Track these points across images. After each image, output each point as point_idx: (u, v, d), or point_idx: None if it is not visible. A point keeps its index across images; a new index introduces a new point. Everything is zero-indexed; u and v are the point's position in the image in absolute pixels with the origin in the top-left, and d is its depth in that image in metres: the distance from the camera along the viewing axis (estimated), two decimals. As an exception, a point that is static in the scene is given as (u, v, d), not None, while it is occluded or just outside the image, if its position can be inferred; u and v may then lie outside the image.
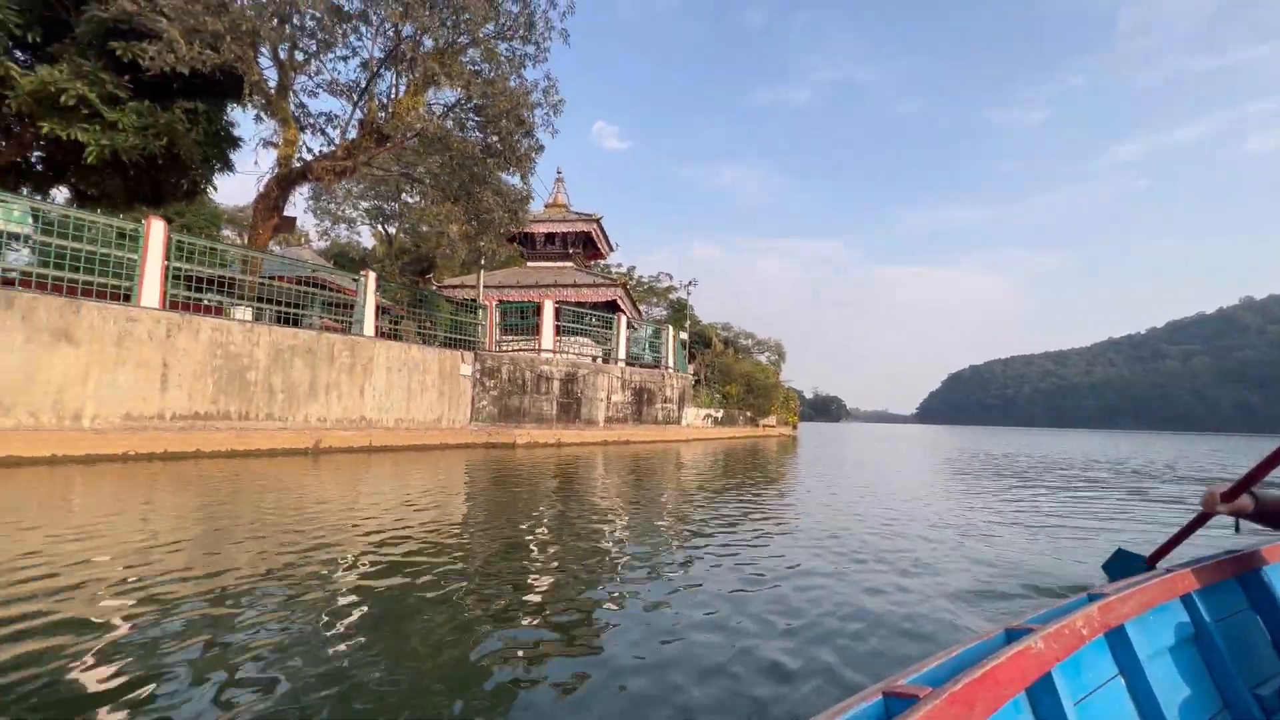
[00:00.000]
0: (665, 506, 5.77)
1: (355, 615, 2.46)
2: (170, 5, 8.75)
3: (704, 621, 2.49)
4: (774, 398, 24.20)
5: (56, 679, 1.81)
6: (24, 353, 7.14)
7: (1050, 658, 1.10)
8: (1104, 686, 1.32)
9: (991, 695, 0.93)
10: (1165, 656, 1.52)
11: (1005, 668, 0.98)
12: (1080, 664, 1.26)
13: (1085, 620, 1.25)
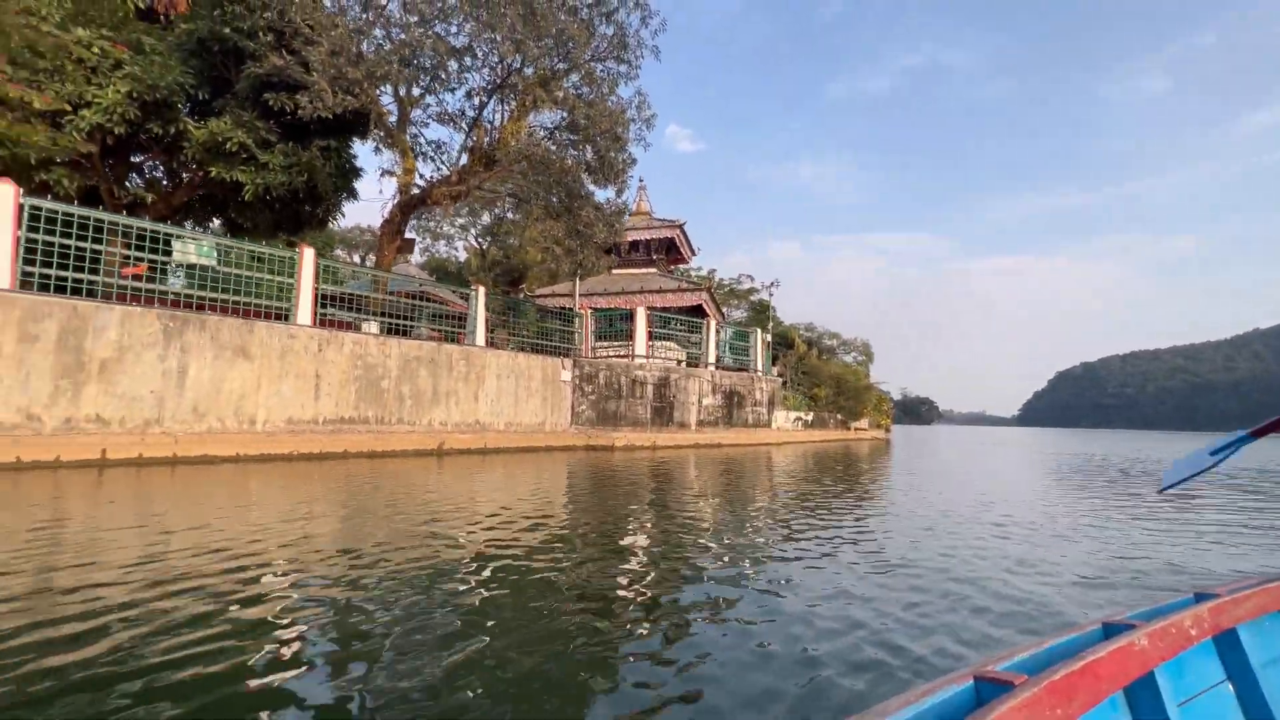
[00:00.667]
0: (772, 505, 5.94)
1: (473, 598, 2.85)
2: (318, 60, 9.90)
3: (833, 615, 2.69)
4: (866, 400, 23.46)
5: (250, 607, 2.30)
6: (213, 367, 8.38)
7: (1154, 656, 1.06)
8: (1210, 691, 1.25)
9: (1090, 689, 0.90)
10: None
11: (1105, 663, 0.95)
12: (1185, 666, 1.21)
13: (1194, 620, 1.19)
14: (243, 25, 11.56)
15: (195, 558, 3.29)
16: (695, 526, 4.81)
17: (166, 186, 14.41)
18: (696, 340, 17.60)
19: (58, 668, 1.91)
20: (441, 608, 2.60)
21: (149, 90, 10.83)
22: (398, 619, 2.44)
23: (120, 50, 9.85)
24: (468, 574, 3.15)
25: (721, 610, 2.74)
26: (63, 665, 1.93)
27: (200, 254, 8.79)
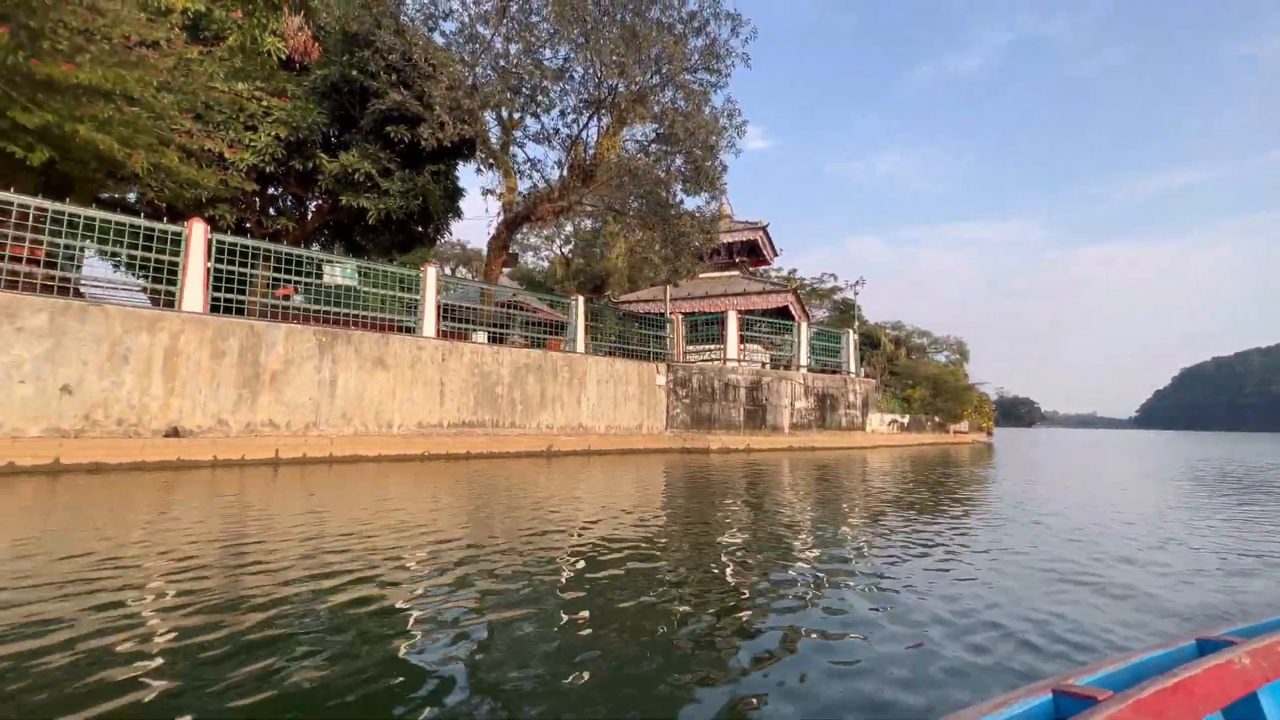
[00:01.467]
0: (874, 507, 5.93)
1: (578, 589, 3.11)
2: (438, 95, 10.83)
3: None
4: (965, 401, 22.28)
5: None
6: (357, 377, 9.37)
7: (1257, 677, 0.99)
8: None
9: (1183, 708, 0.85)
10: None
11: (1201, 681, 0.90)
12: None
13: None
14: (368, 68, 12.79)
15: (360, 539, 3.83)
16: (803, 526, 4.94)
17: (297, 215, 16.12)
18: (781, 342, 17.48)
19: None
20: (552, 597, 2.79)
21: (293, 132, 12.24)
22: (512, 603, 2.67)
23: (282, 101, 11.16)
24: (580, 569, 3.45)
25: (834, 609, 2.75)
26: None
27: (344, 275, 9.86)
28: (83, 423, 7.07)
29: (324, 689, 1.84)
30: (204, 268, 8.32)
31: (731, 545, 4.13)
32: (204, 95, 9.03)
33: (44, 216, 7.26)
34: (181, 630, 2.25)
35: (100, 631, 2.21)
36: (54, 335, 6.94)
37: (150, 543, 3.67)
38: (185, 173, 8.65)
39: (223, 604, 2.56)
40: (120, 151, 7.36)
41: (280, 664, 1.99)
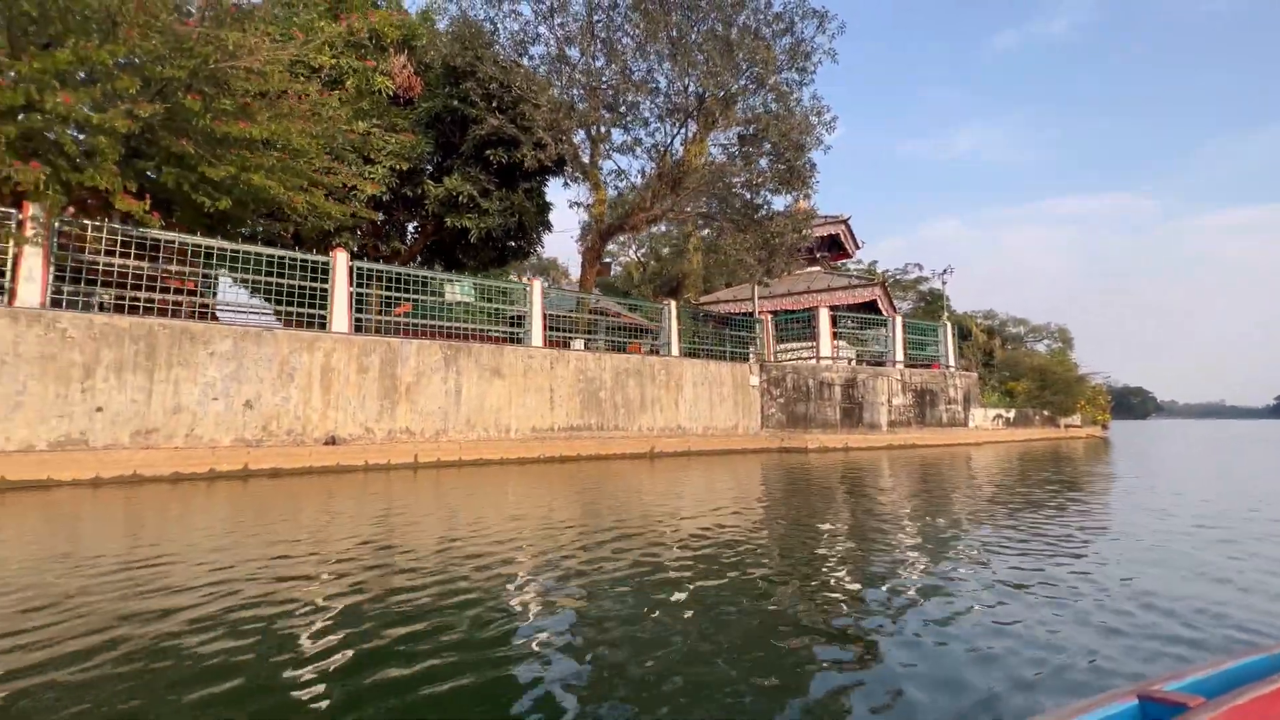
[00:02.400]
0: (988, 508, 5.76)
1: (687, 588, 3.24)
2: (540, 118, 11.47)
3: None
4: (1078, 393, 20.75)
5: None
6: (478, 386, 10.09)
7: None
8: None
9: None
10: None
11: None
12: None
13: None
14: (468, 97, 13.69)
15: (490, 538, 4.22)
16: (916, 527, 4.92)
17: (404, 238, 17.41)
18: (867, 338, 17.05)
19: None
20: (659, 593, 2.89)
21: (405, 162, 13.31)
22: (618, 599, 2.77)
23: (403, 137, 12.19)
24: (692, 566, 3.64)
25: (953, 613, 2.63)
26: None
27: (462, 292, 10.65)
28: (261, 433, 8.08)
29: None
30: (347, 292, 9.27)
31: (873, 543, 4.24)
32: (340, 137, 10.03)
33: (199, 251, 8.34)
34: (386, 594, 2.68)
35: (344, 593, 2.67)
36: (237, 358, 7.98)
37: (379, 531, 4.25)
38: (327, 208, 9.65)
39: (433, 573, 2.99)
40: (284, 194, 8.35)
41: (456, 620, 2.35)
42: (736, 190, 12.21)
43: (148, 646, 2.18)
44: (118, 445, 7.11)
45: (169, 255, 8.24)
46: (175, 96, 6.85)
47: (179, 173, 7.62)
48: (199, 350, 7.73)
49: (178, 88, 6.94)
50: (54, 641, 2.20)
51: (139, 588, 2.89)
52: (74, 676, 1.93)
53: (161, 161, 7.61)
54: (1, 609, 2.59)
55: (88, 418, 6.98)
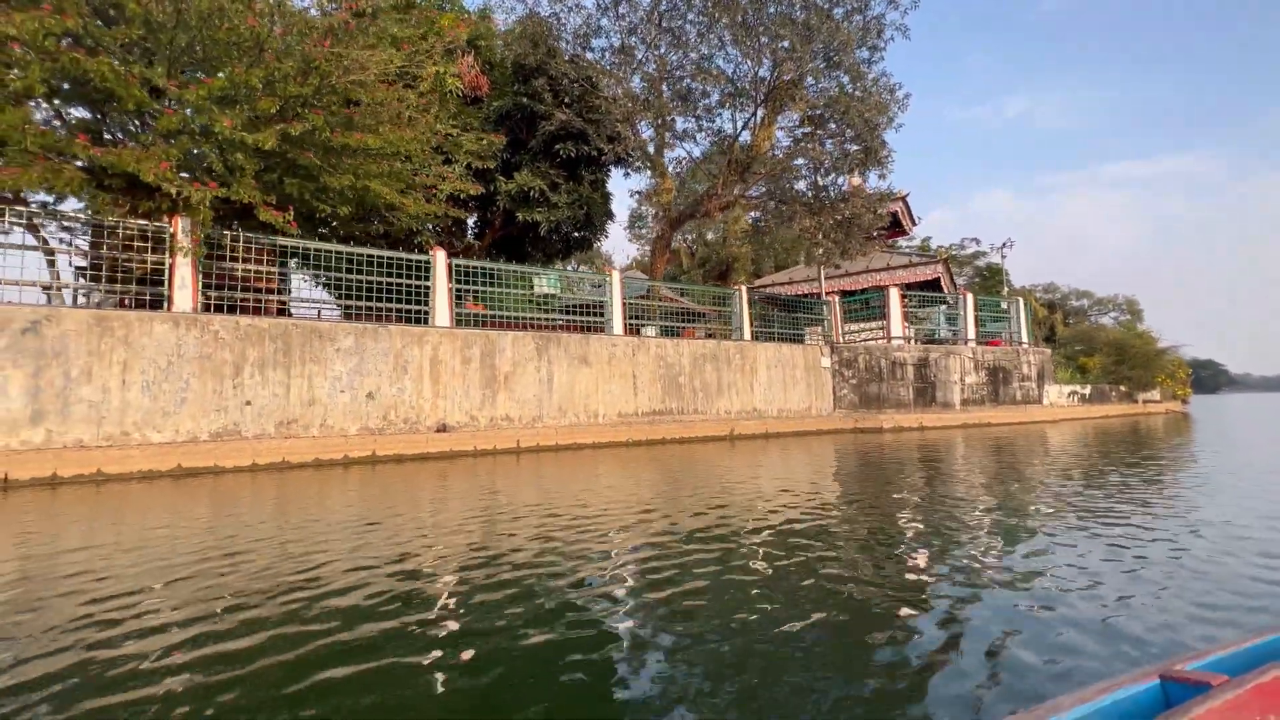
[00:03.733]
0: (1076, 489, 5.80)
1: (769, 565, 3.09)
2: (619, 110, 11.75)
3: None
4: (1157, 367, 19.95)
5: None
6: (567, 374, 10.54)
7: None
8: None
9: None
10: None
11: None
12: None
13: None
14: (537, 94, 14.05)
15: (579, 518, 4.55)
16: (1002, 504, 5.04)
17: (478, 233, 18.03)
18: (925, 316, 16.83)
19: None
20: (736, 573, 2.91)
21: (482, 160, 13.81)
22: (702, 576, 2.85)
23: (491, 137, 12.66)
24: (772, 545, 3.88)
25: None
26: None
27: (549, 285, 11.09)
28: (382, 422, 8.72)
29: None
30: (447, 288, 9.81)
31: (956, 516, 4.43)
32: (432, 140, 10.54)
33: (277, 250, 8.94)
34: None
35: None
36: (359, 353, 8.62)
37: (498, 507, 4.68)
38: (428, 209, 10.19)
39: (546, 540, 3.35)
40: (398, 199, 8.91)
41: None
42: (804, 174, 12.23)
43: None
44: (265, 435, 7.82)
45: (284, 259, 8.92)
46: (303, 113, 7.40)
47: (299, 183, 8.22)
48: (327, 347, 8.38)
49: (303, 104, 7.50)
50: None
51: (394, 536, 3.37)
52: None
53: (284, 173, 8.22)
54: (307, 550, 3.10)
55: (239, 411, 7.71)
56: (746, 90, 12.45)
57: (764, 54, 10.83)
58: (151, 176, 6.14)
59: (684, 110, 12.42)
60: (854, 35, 10.59)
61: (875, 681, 1.82)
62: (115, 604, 2.54)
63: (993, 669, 1.86)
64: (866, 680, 1.84)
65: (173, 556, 3.34)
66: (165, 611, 2.46)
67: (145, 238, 7.38)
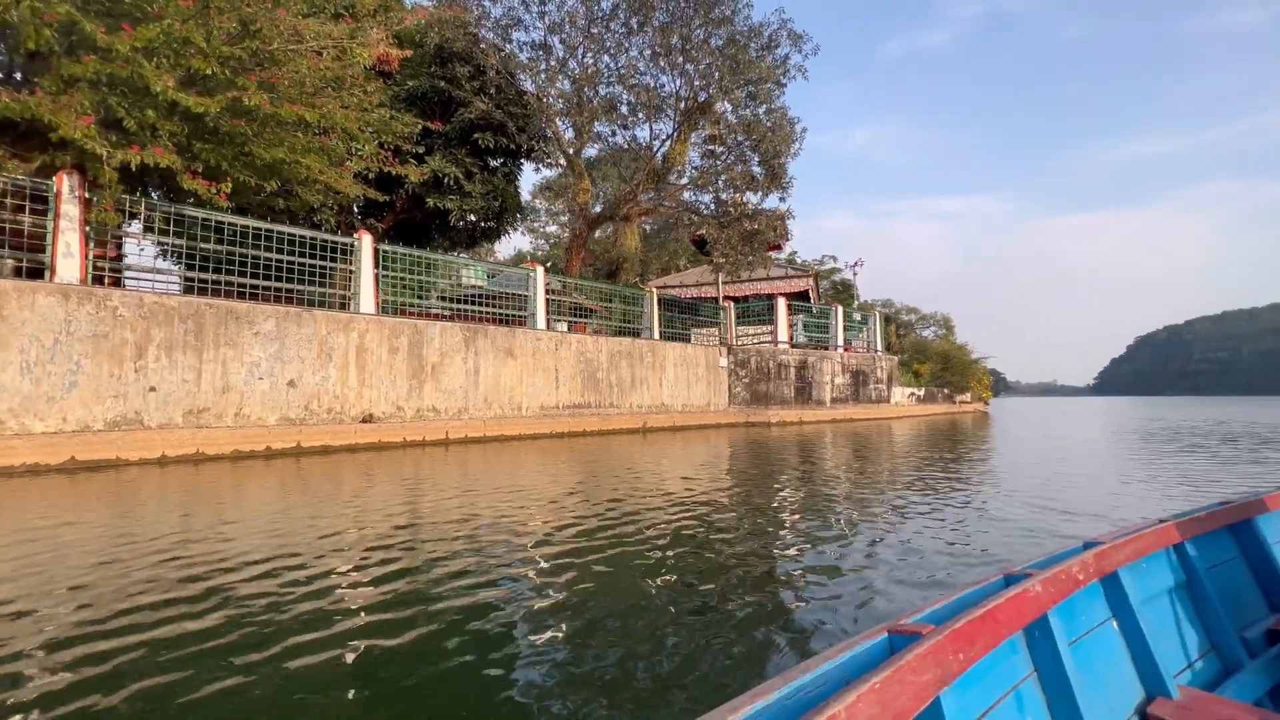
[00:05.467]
0: (910, 465, 7.59)
1: (675, 542, 4.18)
2: (538, 107, 11.94)
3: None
4: (971, 374, 24.45)
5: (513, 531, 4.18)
6: (493, 366, 10.64)
7: (1047, 601, 1.15)
8: (1097, 629, 1.36)
9: (990, 633, 0.98)
10: (1157, 602, 1.58)
11: (1004, 609, 1.04)
12: (1075, 607, 1.31)
13: (1081, 566, 1.30)
14: (457, 79, 13.72)
15: (507, 503, 5.30)
16: (862, 482, 6.56)
17: (377, 214, 16.98)
18: (793, 322, 19.14)
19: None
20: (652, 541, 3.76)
21: (393, 139, 13.18)
22: (615, 544, 3.39)
23: (414, 118, 12.12)
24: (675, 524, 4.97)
25: None
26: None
27: (476, 276, 11.05)
28: (304, 412, 8.27)
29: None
30: (372, 274, 9.46)
31: (822, 491, 5.71)
32: (368, 120, 10.03)
33: (236, 230, 8.31)
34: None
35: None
36: (280, 338, 8.09)
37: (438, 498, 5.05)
38: (354, 188, 9.73)
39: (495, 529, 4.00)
40: (334, 177, 8.44)
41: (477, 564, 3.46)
42: (715, 189, 13.41)
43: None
44: (171, 425, 7.12)
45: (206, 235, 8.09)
46: (236, 78, 6.86)
47: (214, 150, 7.55)
48: (245, 330, 7.78)
49: (236, 68, 6.94)
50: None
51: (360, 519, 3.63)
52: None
53: (200, 139, 7.50)
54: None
55: (141, 398, 6.94)
56: (666, 104, 13.31)
57: (684, 73, 11.75)
58: (77, 133, 5.39)
59: (607, 118, 12.97)
60: (770, 71, 11.91)
61: (739, 616, 2.43)
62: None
63: (856, 595, 2.67)
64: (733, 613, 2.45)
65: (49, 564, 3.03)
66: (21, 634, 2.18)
67: (21, 195, 6.39)
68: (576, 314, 15.03)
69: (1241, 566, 1.97)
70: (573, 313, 14.69)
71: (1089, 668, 1.28)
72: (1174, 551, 1.71)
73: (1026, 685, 1.12)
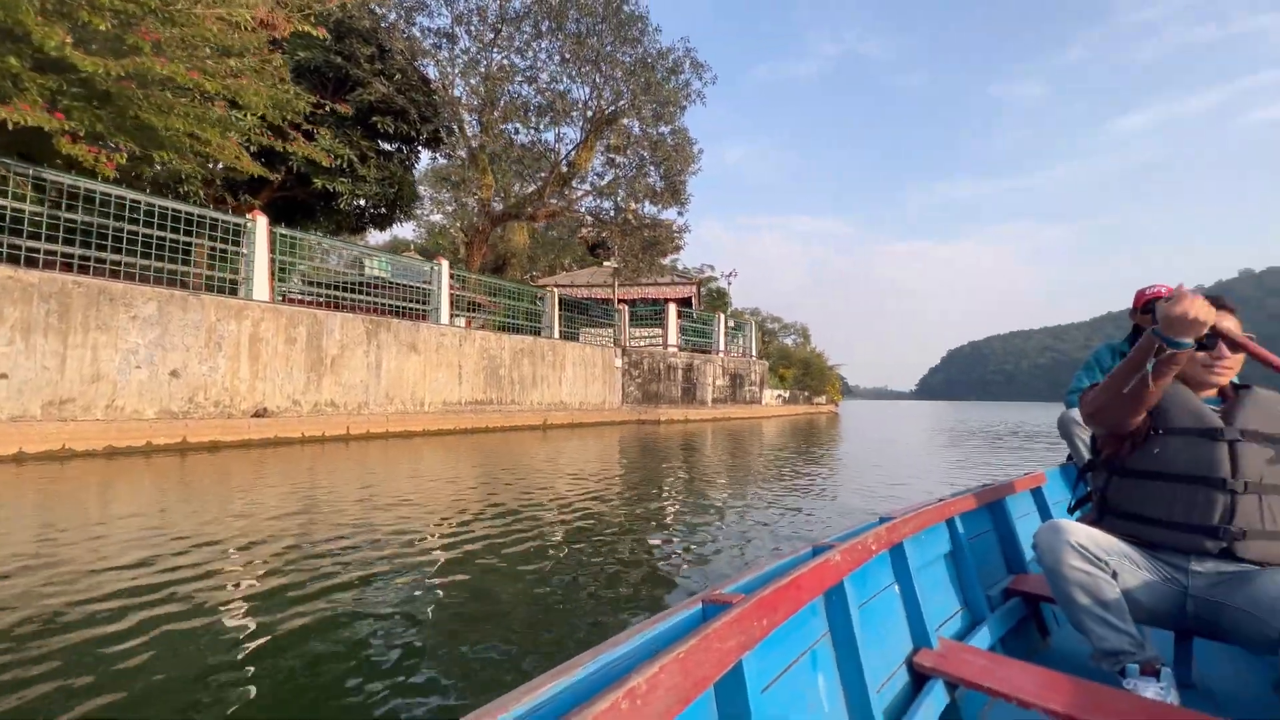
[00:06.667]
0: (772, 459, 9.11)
1: (565, 527, 5.60)
2: (443, 96, 11.79)
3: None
4: (828, 379, 27.70)
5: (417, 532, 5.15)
6: (396, 360, 10.41)
7: (844, 569, 1.27)
8: (883, 592, 1.55)
9: (793, 599, 1.06)
10: (931, 567, 1.83)
11: (808, 577, 1.12)
12: (867, 574, 1.47)
13: (874, 538, 1.46)
14: (353, 55, 13.00)
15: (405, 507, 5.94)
16: (732, 469, 7.87)
17: (251, 190, 15.38)
18: (688, 328, 20.62)
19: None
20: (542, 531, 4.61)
21: (284, 113, 12.17)
22: (513, 528, 3.80)
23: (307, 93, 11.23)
24: (564, 515, 5.96)
25: None
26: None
27: (380, 267, 10.68)
28: (188, 405, 7.62)
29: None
30: (268, 259, 8.88)
31: (699, 478, 6.84)
32: (274, 96, 9.31)
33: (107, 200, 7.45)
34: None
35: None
36: (162, 323, 7.38)
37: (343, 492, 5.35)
38: (254, 169, 9.04)
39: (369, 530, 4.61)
40: (236, 152, 7.79)
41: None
42: (618, 197, 14.12)
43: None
44: (27, 417, 6.28)
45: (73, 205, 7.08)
46: (128, 35, 6.24)
47: (90, 111, 6.76)
48: (120, 313, 7.01)
49: (128, 24, 6.31)
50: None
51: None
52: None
53: (73, 100, 6.66)
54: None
55: (-11, 385, 6.06)
56: (574, 111, 13.76)
57: (594, 84, 12.31)
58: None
59: (516, 118, 13.13)
60: (676, 94, 12.83)
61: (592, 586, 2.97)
62: None
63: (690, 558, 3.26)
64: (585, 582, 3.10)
65: None
66: None
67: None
68: (471, 309, 14.93)
69: (994, 537, 2.29)
70: (468, 308, 14.59)
71: (873, 626, 1.43)
72: (946, 525, 1.94)
73: (821, 645, 1.23)
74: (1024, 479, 2.54)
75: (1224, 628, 1.47)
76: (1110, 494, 1.65)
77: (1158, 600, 1.52)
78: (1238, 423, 1.48)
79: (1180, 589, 1.52)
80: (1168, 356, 1.38)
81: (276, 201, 15.51)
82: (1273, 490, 1.45)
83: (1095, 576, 1.48)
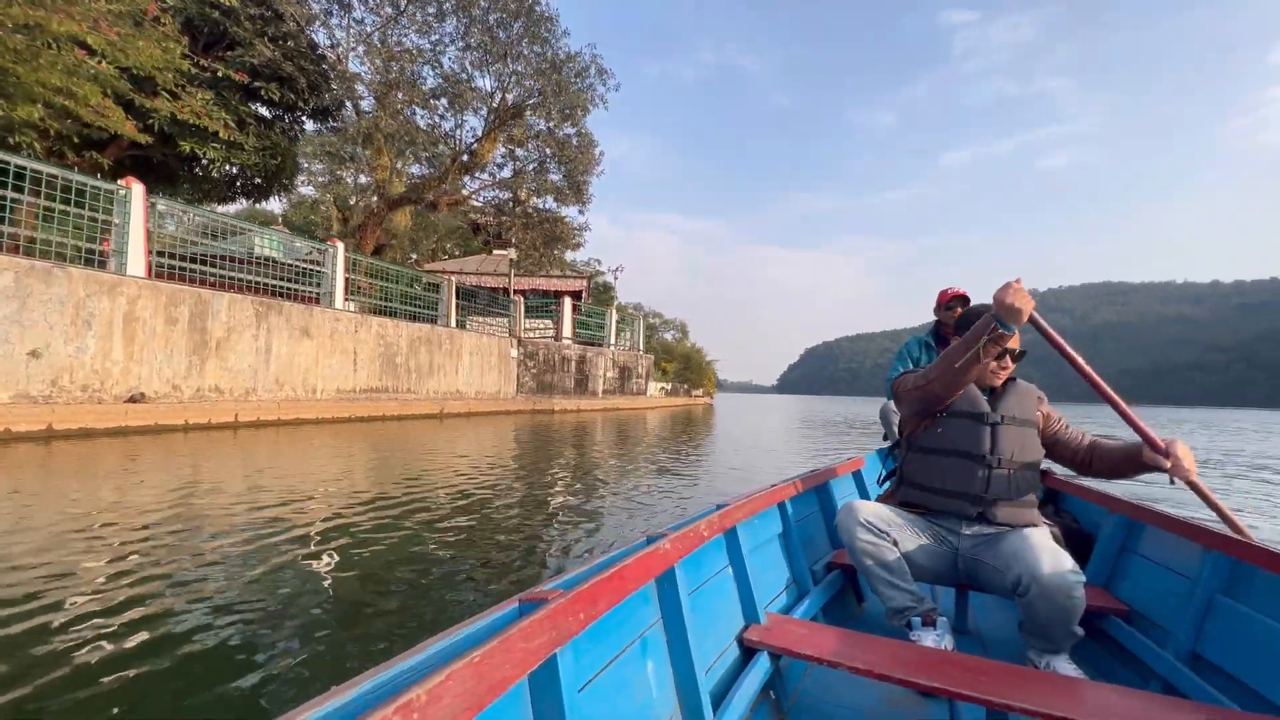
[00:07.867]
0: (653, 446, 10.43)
1: (465, 507, 6.70)
2: (337, 69, 11.33)
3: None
4: (705, 373, 29.79)
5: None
6: (287, 345, 9.98)
7: (675, 555, 1.28)
8: (716, 576, 1.56)
9: (617, 590, 1.04)
10: (763, 549, 1.88)
11: (632, 567, 1.10)
12: (700, 559, 1.49)
13: (708, 524, 1.47)
14: (233, 11, 11.93)
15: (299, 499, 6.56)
16: (622, 456, 9.07)
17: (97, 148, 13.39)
18: (585, 322, 21.39)
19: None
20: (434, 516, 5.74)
21: (143, 68, 10.87)
22: (407, 510, 5.16)
23: None
24: (455, 501, 6.90)
25: None
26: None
27: (270, 246, 10.09)
28: (50, 388, 6.92)
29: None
30: (144, 230, 8.17)
31: (587, 465, 7.89)
32: (163, 58, 8.42)
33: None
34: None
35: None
36: (20, 297, 6.63)
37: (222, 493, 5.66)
38: (127, 130, 8.20)
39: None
40: (119, 117, 7.07)
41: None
42: (518, 191, 14.38)
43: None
44: None
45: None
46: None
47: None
48: (-31, 284, 6.23)
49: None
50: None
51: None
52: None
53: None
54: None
55: None
56: (478, 99, 13.80)
57: (500, 76, 12.50)
58: None
59: (417, 100, 12.90)
60: (581, 97, 13.31)
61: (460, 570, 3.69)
62: None
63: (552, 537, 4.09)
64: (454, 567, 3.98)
65: None
66: None
67: None
68: (358, 293, 14.42)
69: (820, 517, 2.42)
70: (358, 292, 14.07)
71: (705, 609, 1.45)
72: (778, 508, 2.01)
73: (652, 631, 1.23)
74: (846, 463, 2.79)
75: (982, 580, 1.70)
76: (905, 468, 1.89)
77: (935, 561, 1.74)
78: (1000, 409, 1.74)
79: (952, 550, 1.74)
80: (998, 335, 1.55)
81: (126, 161, 13.74)
82: (1019, 465, 1.70)
83: (879, 545, 1.69)
